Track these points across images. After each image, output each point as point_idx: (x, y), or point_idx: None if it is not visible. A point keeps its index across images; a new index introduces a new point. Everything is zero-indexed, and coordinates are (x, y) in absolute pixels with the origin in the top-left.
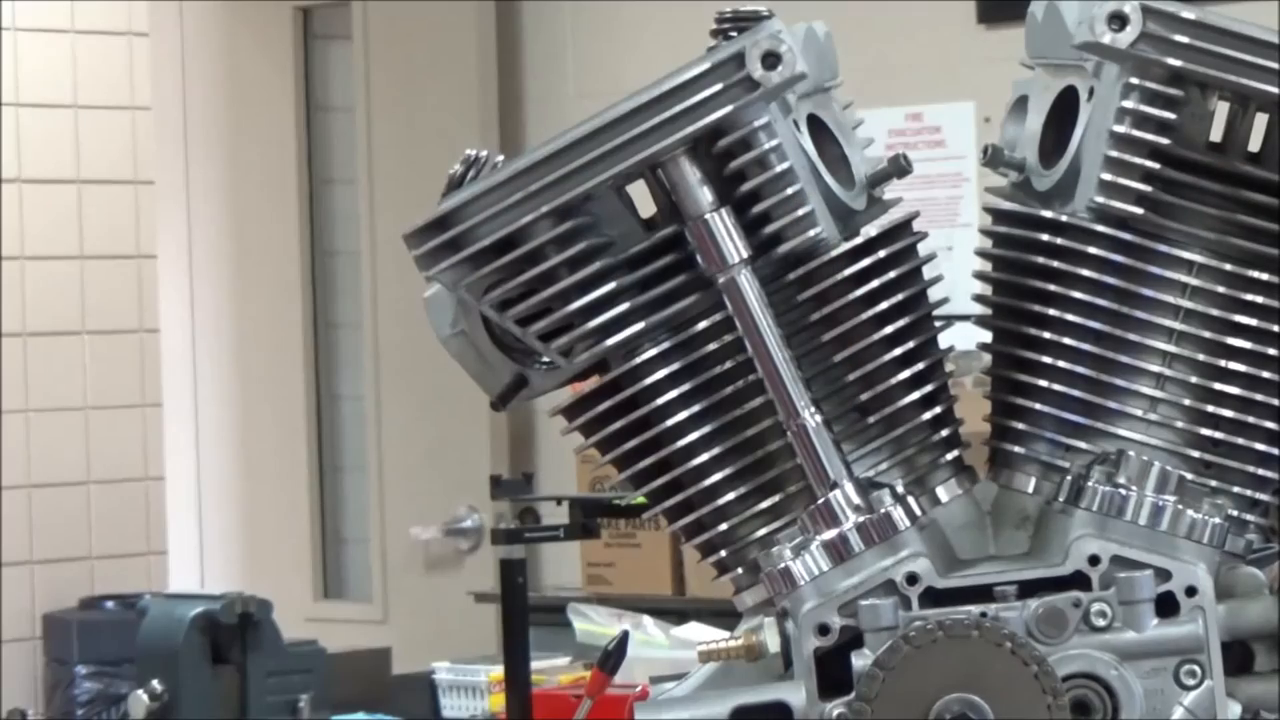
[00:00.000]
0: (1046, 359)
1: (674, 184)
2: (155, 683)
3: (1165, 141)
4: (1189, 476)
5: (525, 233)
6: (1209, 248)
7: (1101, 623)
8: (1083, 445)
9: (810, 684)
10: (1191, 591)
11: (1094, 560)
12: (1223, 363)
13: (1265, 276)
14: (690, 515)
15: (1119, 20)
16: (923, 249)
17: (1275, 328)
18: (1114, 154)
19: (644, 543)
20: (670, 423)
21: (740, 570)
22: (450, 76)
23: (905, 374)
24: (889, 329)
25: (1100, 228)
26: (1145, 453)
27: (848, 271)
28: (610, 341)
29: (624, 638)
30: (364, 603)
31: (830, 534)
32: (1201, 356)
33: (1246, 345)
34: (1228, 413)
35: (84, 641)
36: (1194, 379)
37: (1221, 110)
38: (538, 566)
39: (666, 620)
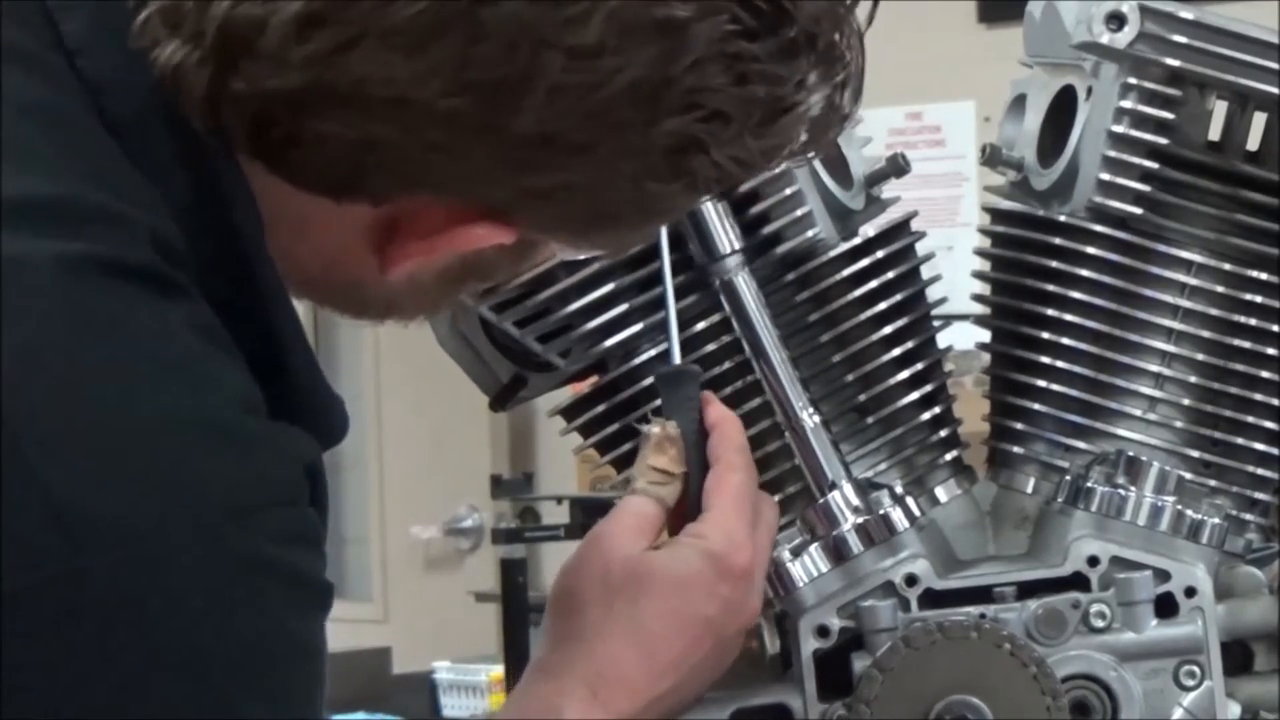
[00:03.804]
0: (1045, 359)
1: None
2: None
3: (1163, 141)
4: (1188, 476)
5: None
6: (1208, 247)
7: (1101, 624)
8: (1082, 445)
9: (810, 686)
10: (1191, 592)
11: (1093, 561)
12: (1222, 363)
13: (1265, 276)
14: None
15: (1117, 20)
16: (921, 249)
17: (1275, 328)
18: (1112, 154)
19: None
20: None
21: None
22: None
23: (904, 374)
24: (887, 329)
25: (1099, 227)
26: (1144, 453)
27: (846, 272)
28: (609, 342)
29: None
30: (364, 602)
31: (829, 535)
32: (1200, 356)
33: (1246, 345)
34: (1227, 413)
35: None
36: (1193, 379)
37: (1220, 110)
38: (538, 566)
39: None
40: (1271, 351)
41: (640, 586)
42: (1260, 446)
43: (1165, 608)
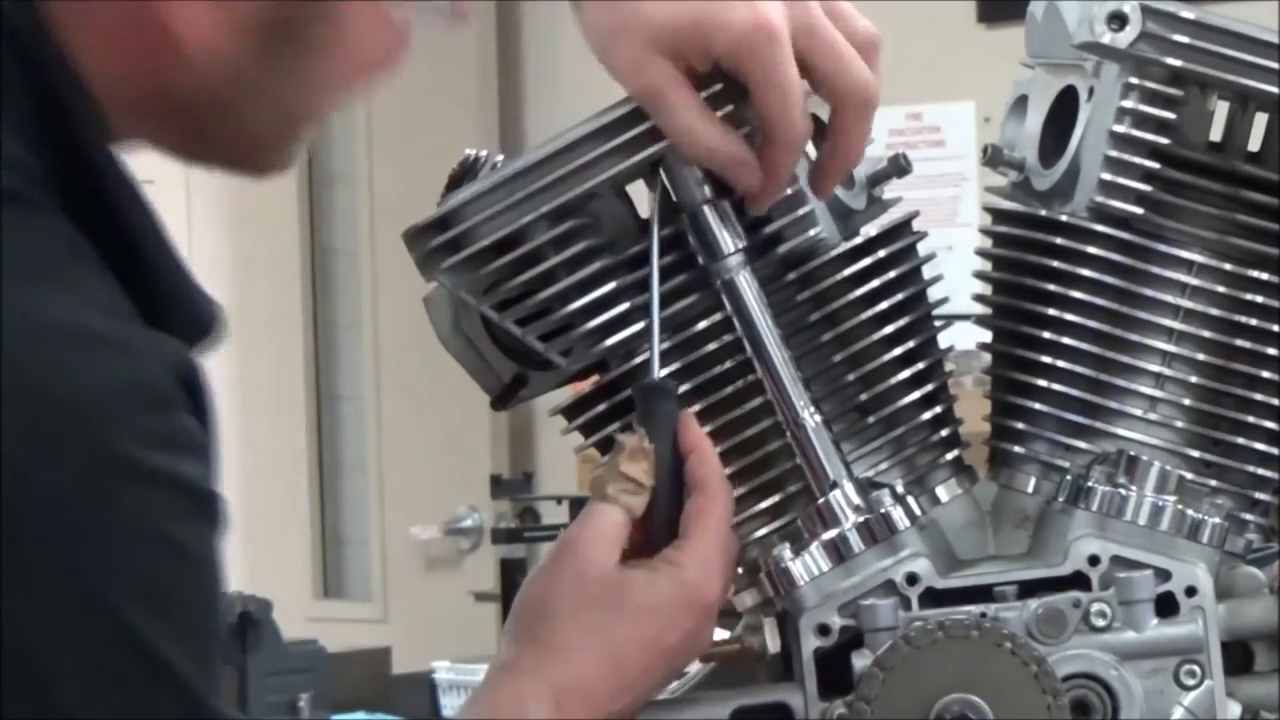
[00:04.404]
0: (1046, 359)
1: (673, 179)
2: None
3: (1165, 141)
4: (1189, 476)
5: (525, 233)
6: (1209, 247)
7: (1101, 623)
8: (1083, 445)
9: (810, 684)
10: (1191, 591)
11: (1094, 560)
12: (1223, 363)
13: (1265, 276)
14: None
15: (1119, 20)
16: (922, 249)
17: (1275, 327)
18: (1114, 154)
19: None
20: None
21: (740, 570)
22: (450, 76)
23: (905, 374)
24: (889, 329)
25: (1100, 227)
26: (1145, 452)
27: (847, 271)
28: (610, 341)
29: None
30: (364, 602)
31: (830, 534)
32: (1201, 356)
33: (1246, 345)
34: (1228, 413)
35: None
36: (1194, 379)
37: (1221, 110)
38: None
39: None
40: (1272, 351)
41: (615, 606)
42: (1261, 446)
43: (1166, 607)
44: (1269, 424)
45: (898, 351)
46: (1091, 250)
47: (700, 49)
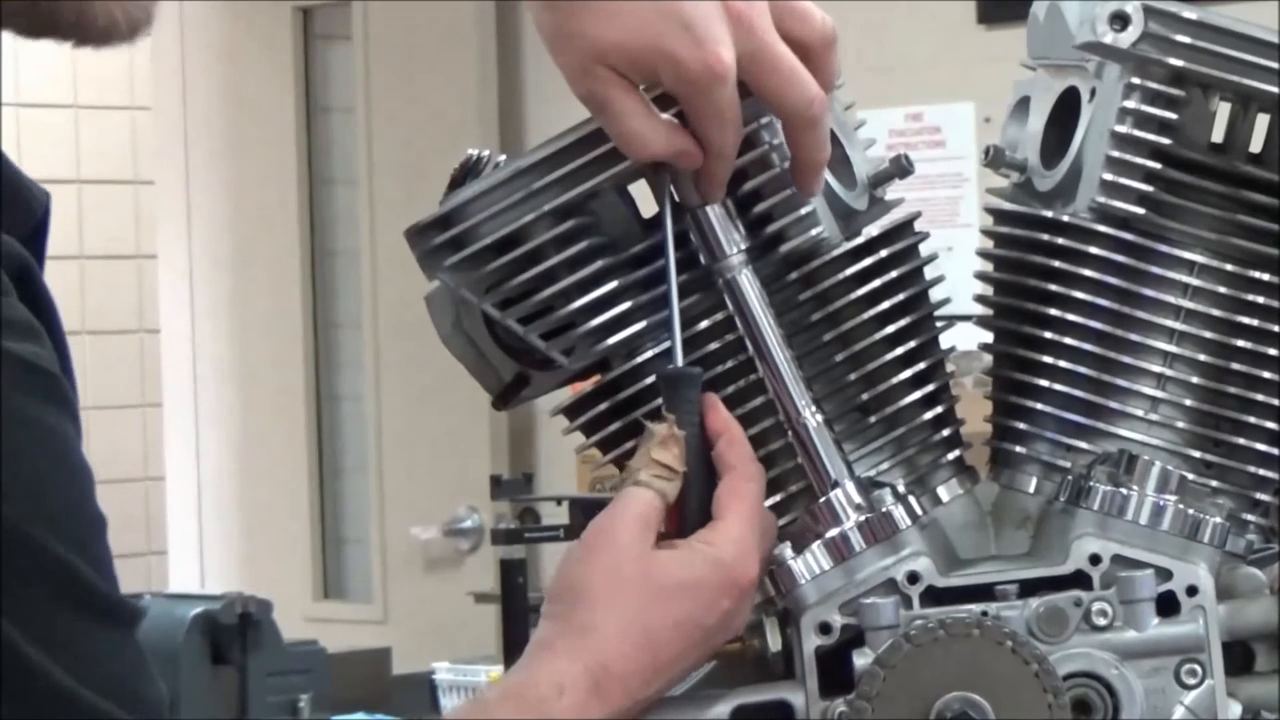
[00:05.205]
0: (1047, 359)
1: (676, 178)
2: None
3: (1167, 142)
4: (1190, 476)
5: (527, 232)
6: (1210, 248)
7: (1102, 622)
8: (1084, 445)
9: (811, 683)
10: (1192, 591)
11: (1095, 559)
12: (1224, 363)
13: (1266, 277)
14: None
15: (1120, 20)
16: (924, 249)
17: (1276, 328)
18: (1115, 154)
19: None
20: None
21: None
22: (450, 76)
23: (907, 374)
24: (890, 329)
25: (1101, 228)
26: (1146, 452)
27: (849, 271)
28: (611, 340)
29: None
30: (364, 603)
31: (831, 533)
32: (1202, 357)
33: (1247, 345)
34: (1229, 413)
35: None
36: (1195, 379)
37: (1223, 110)
38: (538, 566)
39: None
40: (1273, 352)
41: (652, 588)
42: (1261, 447)
43: (1167, 606)
44: (1270, 424)
45: (899, 351)
46: (1093, 251)
47: (645, 76)
